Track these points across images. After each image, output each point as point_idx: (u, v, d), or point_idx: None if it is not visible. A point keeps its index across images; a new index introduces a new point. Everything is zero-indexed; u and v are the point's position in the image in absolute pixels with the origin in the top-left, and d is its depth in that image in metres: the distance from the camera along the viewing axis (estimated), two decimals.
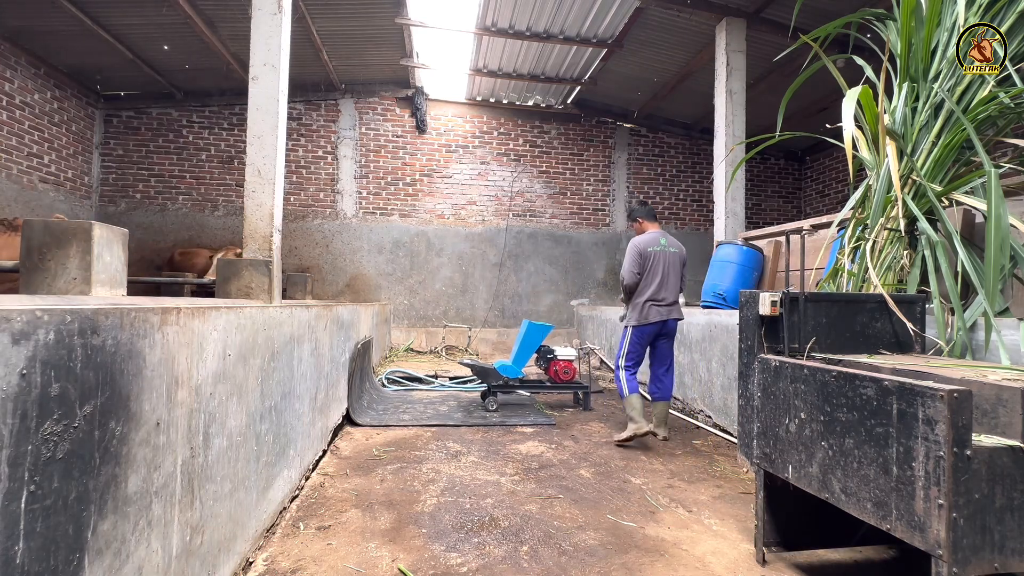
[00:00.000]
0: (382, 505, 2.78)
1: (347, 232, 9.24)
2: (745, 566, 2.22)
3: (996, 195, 2.34)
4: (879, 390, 1.64)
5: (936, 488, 1.45)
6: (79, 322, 1.10)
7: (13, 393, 0.94)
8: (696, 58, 7.46)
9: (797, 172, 10.68)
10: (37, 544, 1.00)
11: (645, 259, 4.01)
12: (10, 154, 6.91)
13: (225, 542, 1.89)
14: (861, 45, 4.40)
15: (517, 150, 9.72)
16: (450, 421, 4.51)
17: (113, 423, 1.23)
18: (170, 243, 8.71)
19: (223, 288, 2.84)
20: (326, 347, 3.59)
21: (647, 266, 4.00)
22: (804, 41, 3.50)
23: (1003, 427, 1.59)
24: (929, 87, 2.94)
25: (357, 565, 2.16)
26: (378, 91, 9.33)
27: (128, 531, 1.30)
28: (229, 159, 9.08)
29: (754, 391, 2.26)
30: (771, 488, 2.21)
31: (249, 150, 3.05)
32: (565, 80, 8.74)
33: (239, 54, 7.48)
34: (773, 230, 5.54)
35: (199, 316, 1.68)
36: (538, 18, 7.01)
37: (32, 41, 6.97)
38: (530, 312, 9.51)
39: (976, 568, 1.45)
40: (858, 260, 2.92)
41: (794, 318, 2.26)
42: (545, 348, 5.49)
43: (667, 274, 4.04)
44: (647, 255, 4.02)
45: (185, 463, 1.59)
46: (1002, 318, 2.40)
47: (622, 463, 3.56)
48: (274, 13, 3.10)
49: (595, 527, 2.57)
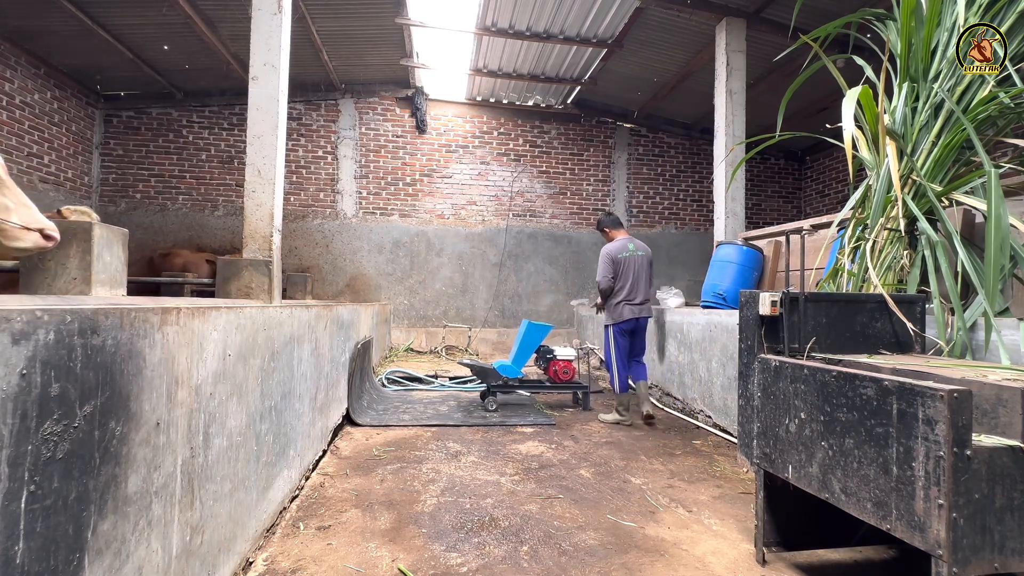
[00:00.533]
0: (382, 505, 2.78)
1: (347, 232, 9.24)
2: (745, 566, 2.22)
3: (996, 195, 2.34)
4: (879, 390, 1.64)
5: (936, 488, 1.45)
6: (79, 322, 1.10)
7: (13, 393, 0.94)
8: (696, 58, 7.46)
9: (797, 172, 10.68)
10: (37, 544, 1.00)
11: (617, 265, 4.52)
12: (10, 154, 6.90)
13: (225, 542, 1.89)
14: (861, 45, 4.40)
15: (517, 150, 9.72)
16: (450, 421, 4.51)
17: (113, 423, 1.23)
18: (170, 243, 8.70)
19: (223, 288, 2.84)
20: (326, 347, 3.59)
21: (619, 271, 4.51)
22: (804, 41, 3.50)
23: (1003, 427, 1.59)
24: (929, 87, 2.94)
25: (357, 565, 2.16)
26: (378, 91, 9.33)
27: (128, 531, 1.30)
28: (229, 159, 9.08)
29: (754, 391, 2.26)
30: (771, 488, 2.21)
31: (249, 150, 3.05)
32: (565, 80, 8.73)
33: (239, 54, 7.48)
34: (773, 230, 5.54)
35: (199, 316, 1.68)
36: (538, 18, 7.01)
37: (32, 41, 6.97)
38: (530, 312, 9.51)
39: (976, 568, 1.45)
40: (858, 260, 2.92)
41: (794, 318, 2.26)
42: (544, 348, 5.49)
43: (638, 276, 4.58)
44: (619, 261, 4.53)
45: (185, 463, 1.59)
46: (1002, 318, 2.40)
47: (622, 463, 3.56)
48: (274, 13, 3.10)
49: (595, 527, 2.57)
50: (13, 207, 1.45)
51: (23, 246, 1.46)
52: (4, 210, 1.43)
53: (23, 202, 1.48)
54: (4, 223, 1.42)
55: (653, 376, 5.91)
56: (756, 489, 2.25)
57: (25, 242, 1.45)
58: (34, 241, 1.46)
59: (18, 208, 1.46)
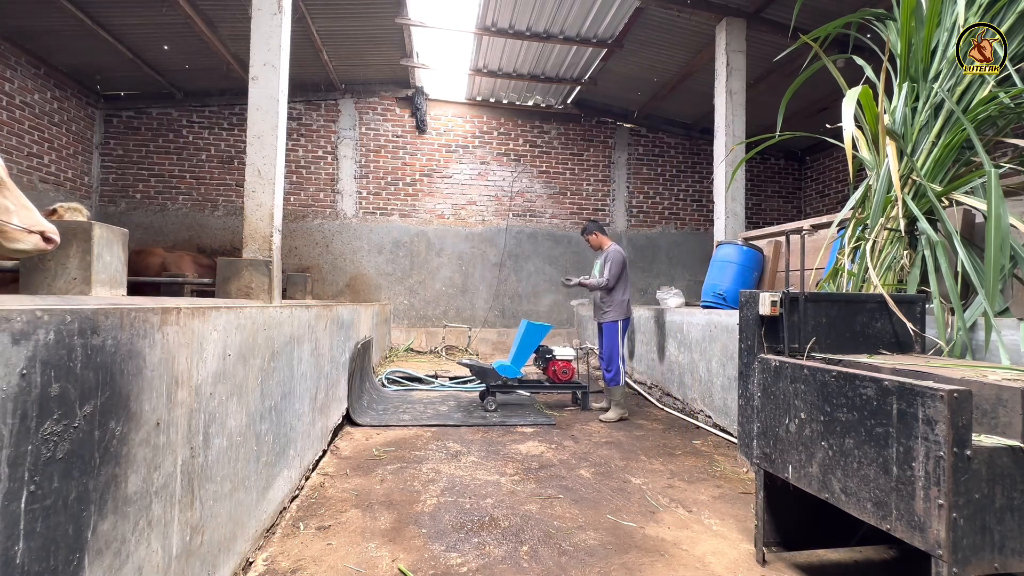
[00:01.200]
0: (382, 505, 2.78)
1: (347, 232, 9.24)
2: (745, 566, 2.22)
3: (996, 195, 2.34)
4: (879, 390, 1.64)
5: (936, 488, 1.45)
6: (79, 322, 1.10)
7: (13, 393, 0.94)
8: (696, 58, 7.46)
9: (797, 172, 10.68)
10: (37, 544, 1.00)
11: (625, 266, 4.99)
12: (10, 154, 6.90)
13: (225, 542, 1.89)
14: (861, 45, 4.40)
15: (517, 150, 9.72)
16: (450, 421, 4.51)
17: (113, 423, 1.23)
18: (170, 243, 8.71)
19: (223, 288, 2.84)
20: (326, 347, 3.59)
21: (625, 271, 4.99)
22: (804, 41, 3.50)
23: (1003, 427, 1.59)
24: (929, 87, 2.94)
25: (357, 565, 2.16)
26: (378, 91, 9.33)
27: (128, 531, 1.30)
28: (229, 159, 9.08)
29: (754, 391, 2.26)
30: (771, 488, 2.21)
31: (249, 150, 3.05)
32: (565, 80, 8.73)
33: (239, 54, 7.48)
34: (773, 230, 5.54)
35: (199, 316, 1.68)
36: (538, 18, 7.01)
37: (32, 41, 6.97)
38: (530, 312, 9.51)
39: (976, 568, 1.45)
40: (858, 260, 2.92)
41: (794, 318, 2.26)
42: (544, 348, 5.49)
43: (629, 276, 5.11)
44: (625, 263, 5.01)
45: (185, 463, 1.59)
46: (1002, 318, 2.40)
47: (622, 463, 3.56)
48: (274, 13, 3.10)
49: (595, 527, 2.57)
50: (14, 209, 1.45)
51: (23, 248, 1.46)
52: (5, 212, 1.43)
53: (24, 204, 1.48)
54: (5, 225, 1.42)
55: (653, 376, 5.92)
56: (756, 489, 2.25)
57: (25, 244, 1.45)
58: (34, 243, 1.46)
59: (19, 210, 1.46)
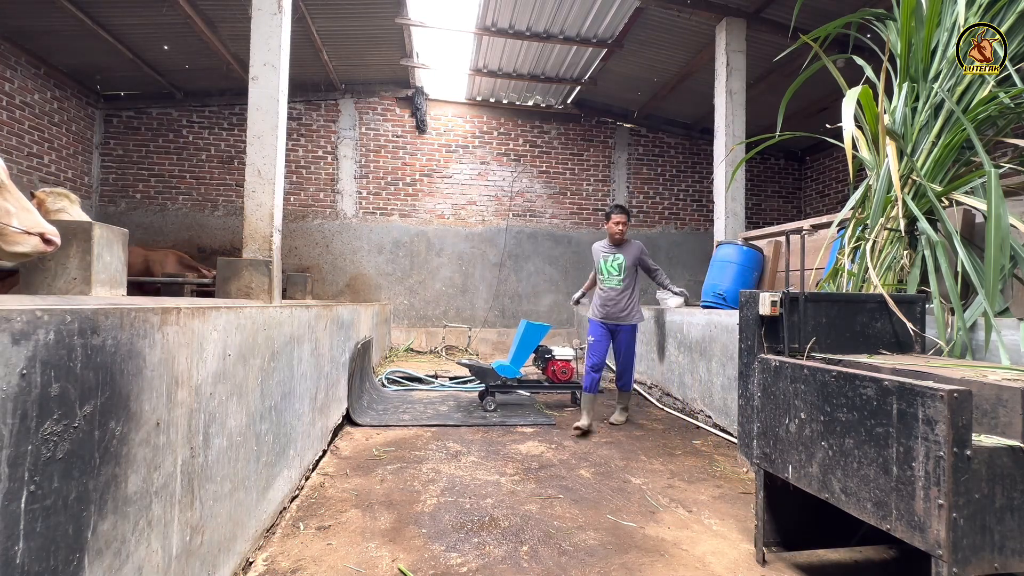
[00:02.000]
0: (382, 505, 2.78)
1: (347, 232, 9.24)
2: (745, 566, 2.22)
3: (996, 195, 2.34)
4: (879, 390, 1.64)
5: (936, 488, 1.45)
6: (79, 322, 1.10)
7: (13, 393, 0.94)
8: (696, 58, 7.46)
9: (797, 172, 10.68)
10: (37, 544, 1.00)
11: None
12: (10, 154, 6.90)
13: (225, 542, 1.89)
14: (861, 45, 4.40)
15: (517, 150, 9.72)
16: (450, 421, 4.51)
17: (113, 423, 1.23)
18: (170, 243, 8.71)
19: (223, 288, 2.84)
20: (326, 347, 3.59)
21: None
22: (804, 41, 3.50)
23: (1003, 427, 1.59)
24: (929, 87, 2.94)
25: (357, 565, 2.16)
26: (378, 91, 9.33)
27: (128, 531, 1.30)
28: (229, 159, 9.08)
29: (754, 391, 2.26)
30: (771, 488, 2.21)
31: (249, 150, 3.05)
32: (565, 80, 8.73)
33: (239, 54, 7.48)
34: (773, 230, 5.54)
35: (199, 316, 1.68)
36: (538, 18, 7.01)
37: (32, 41, 6.96)
38: (530, 312, 9.51)
39: (976, 568, 1.45)
40: (858, 260, 2.92)
41: (794, 318, 2.26)
42: (543, 348, 5.49)
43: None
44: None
45: (185, 463, 1.59)
46: (1002, 318, 2.40)
47: (622, 463, 3.56)
48: (274, 13, 3.10)
49: (595, 527, 2.57)
50: (14, 211, 1.45)
51: (24, 250, 1.46)
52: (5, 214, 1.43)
53: (24, 206, 1.48)
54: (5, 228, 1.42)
55: (653, 376, 5.92)
56: (756, 489, 2.25)
57: (25, 246, 1.45)
58: (34, 245, 1.46)
59: (19, 212, 1.46)
